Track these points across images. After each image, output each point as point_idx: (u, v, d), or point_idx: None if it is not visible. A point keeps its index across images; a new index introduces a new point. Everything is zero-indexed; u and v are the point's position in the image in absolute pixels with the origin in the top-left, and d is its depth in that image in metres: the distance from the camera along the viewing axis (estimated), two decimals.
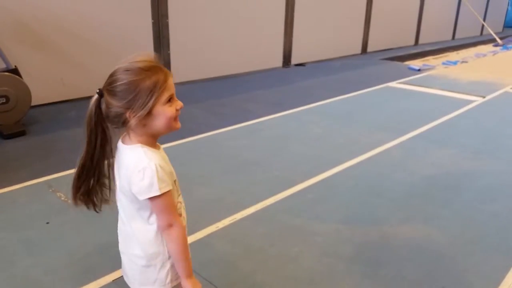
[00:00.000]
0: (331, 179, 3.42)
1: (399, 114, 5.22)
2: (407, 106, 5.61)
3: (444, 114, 5.22)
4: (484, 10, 14.88)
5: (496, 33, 13.15)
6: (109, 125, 1.21)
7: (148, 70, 1.17)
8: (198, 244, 2.45)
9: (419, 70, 8.13)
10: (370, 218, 2.86)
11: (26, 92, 4.16)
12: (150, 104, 1.15)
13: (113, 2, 5.52)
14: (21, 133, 4.06)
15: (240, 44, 7.18)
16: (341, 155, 3.88)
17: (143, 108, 1.15)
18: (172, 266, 1.30)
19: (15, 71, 4.15)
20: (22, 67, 4.47)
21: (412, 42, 11.74)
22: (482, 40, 13.54)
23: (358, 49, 9.90)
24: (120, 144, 1.25)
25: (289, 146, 4.09)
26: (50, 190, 3.04)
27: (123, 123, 1.18)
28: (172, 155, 1.36)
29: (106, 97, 1.18)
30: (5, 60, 4.19)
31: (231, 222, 2.71)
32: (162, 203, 1.19)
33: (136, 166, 1.16)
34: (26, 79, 4.33)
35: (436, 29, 12.62)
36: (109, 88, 1.17)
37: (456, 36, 13.79)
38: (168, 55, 6.19)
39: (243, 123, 4.70)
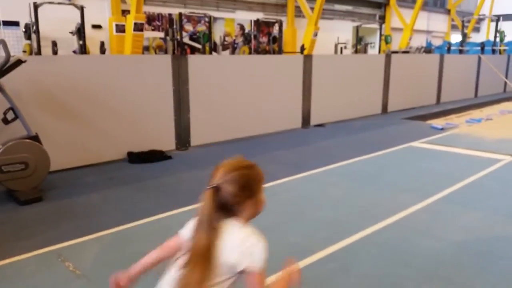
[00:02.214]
0: (353, 246, 3.22)
1: (423, 175, 5.02)
2: (431, 166, 5.42)
3: (471, 174, 4.99)
4: (505, 66, 14.85)
5: None
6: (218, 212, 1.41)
7: (257, 168, 1.52)
8: None
9: (442, 129, 7.98)
10: None
11: (45, 158, 4.22)
12: (262, 193, 1.48)
13: (135, 72, 5.73)
14: (38, 199, 4.06)
15: (258, 106, 7.26)
16: (364, 219, 3.68)
17: (258, 197, 1.47)
18: None
19: (35, 138, 4.24)
20: (45, 133, 4.59)
21: (434, 101, 11.68)
22: (506, 97, 13.36)
23: (378, 109, 9.88)
24: (226, 224, 1.41)
25: (307, 210, 3.93)
26: (59, 260, 2.95)
27: (239, 208, 1.42)
28: (185, 221, 1.33)
29: (229, 188, 1.40)
30: (26, 127, 4.30)
31: None
32: (264, 276, 1.38)
33: (249, 240, 1.38)
34: (48, 145, 4.41)
35: (457, 87, 12.57)
36: (230, 181, 1.41)
37: (479, 94, 13.68)
38: (188, 119, 6.28)
39: None
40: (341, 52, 16.23)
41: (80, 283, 2.67)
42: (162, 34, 12.60)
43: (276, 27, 14.43)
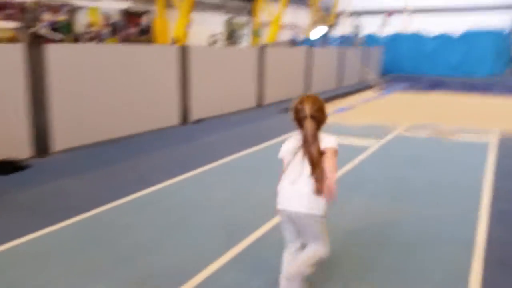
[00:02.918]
0: (250, 250, 2.98)
1: None
2: None
3: (348, 160, 5.17)
4: (365, 58, 16.28)
5: (376, 80, 14.37)
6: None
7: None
8: None
9: None
10: None
11: None
12: None
13: None
14: None
15: (132, 102, 6.62)
16: (256, 219, 3.48)
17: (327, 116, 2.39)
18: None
19: None
20: None
21: (303, 91, 12.21)
22: (365, 86, 14.64)
23: (254, 102, 9.92)
24: (319, 135, 2.31)
25: (192, 218, 3.57)
26: None
27: (322, 123, 2.31)
28: (48, 245, 0.88)
29: (318, 114, 2.30)
30: None
31: None
32: (336, 155, 2.30)
33: (332, 138, 2.31)
34: None
35: (324, 78, 13.36)
36: (320, 109, 2.32)
37: (341, 84, 14.76)
38: (47, 119, 5.38)
39: (136, 194, 4.07)
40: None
41: None
42: (15, 25, 10.86)
43: (146, 17, 13.64)
